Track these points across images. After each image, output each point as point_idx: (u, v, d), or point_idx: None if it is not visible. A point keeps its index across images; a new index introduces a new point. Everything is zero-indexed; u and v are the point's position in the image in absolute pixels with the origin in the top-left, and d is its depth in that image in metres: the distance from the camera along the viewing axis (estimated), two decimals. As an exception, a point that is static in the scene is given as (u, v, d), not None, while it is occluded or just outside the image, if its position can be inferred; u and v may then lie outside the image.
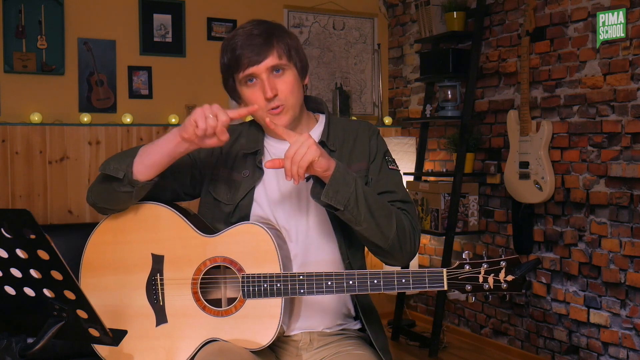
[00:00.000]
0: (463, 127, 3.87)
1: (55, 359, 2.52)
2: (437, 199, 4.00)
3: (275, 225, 1.65)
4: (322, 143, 1.67)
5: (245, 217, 1.65)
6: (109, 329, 1.30)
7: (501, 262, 1.45)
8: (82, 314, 1.28)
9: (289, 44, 1.63)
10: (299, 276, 1.50)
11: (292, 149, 1.45)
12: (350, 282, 1.48)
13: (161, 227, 1.60)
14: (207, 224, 1.67)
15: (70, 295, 1.25)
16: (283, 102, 1.60)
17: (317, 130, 1.73)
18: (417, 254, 4.53)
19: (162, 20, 4.10)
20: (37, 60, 3.79)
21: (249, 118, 1.71)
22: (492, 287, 1.45)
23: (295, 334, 1.67)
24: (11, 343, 2.49)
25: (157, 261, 1.59)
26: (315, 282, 1.49)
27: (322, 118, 1.76)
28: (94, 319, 1.28)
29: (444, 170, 4.23)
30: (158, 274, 1.59)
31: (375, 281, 1.47)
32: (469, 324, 4.17)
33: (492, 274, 1.45)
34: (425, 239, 4.52)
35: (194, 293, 1.57)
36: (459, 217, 3.94)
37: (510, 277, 1.45)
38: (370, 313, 1.72)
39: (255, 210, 1.66)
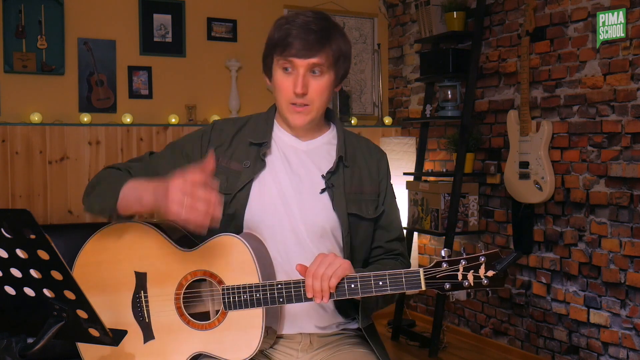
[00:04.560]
0: (463, 127, 3.87)
1: (55, 359, 2.52)
2: (437, 199, 4.00)
3: (255, 234, 1.62)
4: (340, 158, 1.67)
5: (241, 209, 1.63)
6: (109, 329, 1.30)
7: (480, 257, 1.41)
8: (82, 314, 1.28)
9: (341, 50, 1.62)
10: (277, 285, 1.49)
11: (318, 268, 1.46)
12: None
13: (142, 245, 1.60)
14: (189, 238, 1.64)
15: (70, 295, 1.25)
16: (309, 103, 1.60)
17: (328, 136, 1.73)
18: (417, 254, 4.54)
19: (162, 20, 4.10)
20: (37, 60, 3.79)
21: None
22: (472, 284, 1.41)
23: (295, 335, 1.67)
24: (11, 343, 2.49)
25: (140, 278, 1.59)
26: (293, 290, 1.48)
27: (332, 127, 1.76)
28: (94, 319, 1.28)
29: (444, 170, 4.23)
30: (142, 291, 1.59)
31: (353, 285, 1.46)
32: (469, 324, 4.17)
33: (472, 270, 1.41)
34: (425, 239, 4.51)
35: (178, 308, 1.57)
36: (459, 217, 3.94)
37: (490, 273, 1.40)
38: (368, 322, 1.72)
39: (252, 201, 1.64)
